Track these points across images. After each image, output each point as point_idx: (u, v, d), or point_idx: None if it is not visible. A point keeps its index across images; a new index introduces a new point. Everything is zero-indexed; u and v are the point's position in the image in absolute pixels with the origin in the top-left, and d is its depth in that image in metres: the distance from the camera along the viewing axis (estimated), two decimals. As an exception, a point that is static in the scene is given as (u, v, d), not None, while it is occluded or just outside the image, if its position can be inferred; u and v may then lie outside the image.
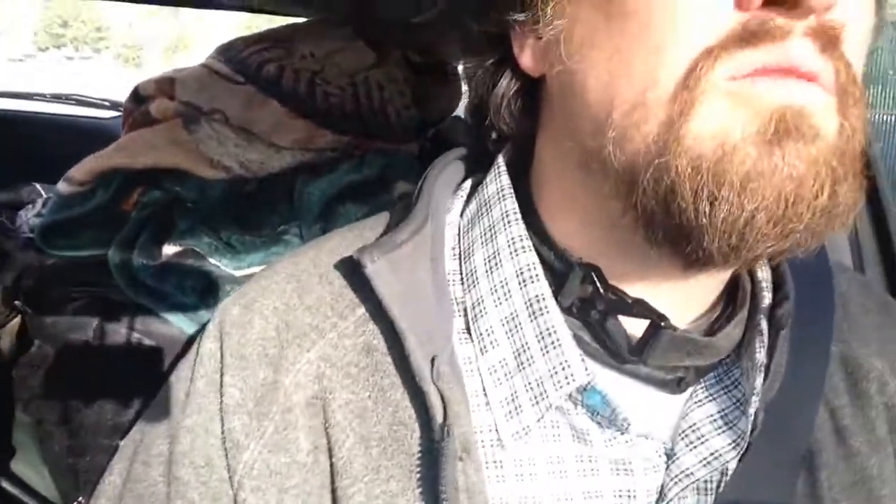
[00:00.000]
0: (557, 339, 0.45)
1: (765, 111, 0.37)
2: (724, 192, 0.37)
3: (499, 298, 0.47)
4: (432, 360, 0.44)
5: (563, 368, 0.44)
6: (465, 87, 0.57)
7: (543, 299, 0.46)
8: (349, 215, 0.98)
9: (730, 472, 0.48)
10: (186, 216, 1.03)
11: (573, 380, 0.44)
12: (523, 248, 0.47)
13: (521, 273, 0.46)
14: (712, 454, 0.47)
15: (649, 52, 0.39)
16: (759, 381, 0.47)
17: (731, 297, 0.50)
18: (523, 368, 0.46)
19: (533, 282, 0.46)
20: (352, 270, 0.49)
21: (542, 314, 0.45)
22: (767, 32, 0.37)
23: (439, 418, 0.43)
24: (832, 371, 0.52)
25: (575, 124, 0.44)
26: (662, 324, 0.44)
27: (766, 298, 0.50)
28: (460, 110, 1.10)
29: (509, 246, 0.47)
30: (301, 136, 1.02)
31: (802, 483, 0.49)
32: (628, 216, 0.42)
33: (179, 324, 0.98)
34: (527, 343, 0.46)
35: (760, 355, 0.47)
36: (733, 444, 0.47)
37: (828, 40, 0.38)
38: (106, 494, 0.54)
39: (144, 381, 0.97)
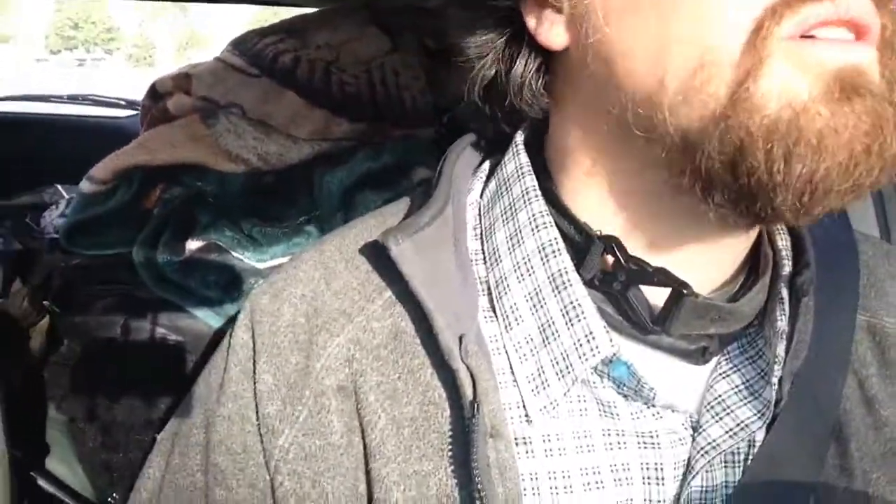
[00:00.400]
0: (582, 312, 0.45)
1: (827, 72, 0.37)
2: (799, 150, 0.37)
3: (522, 275, 0.47)
4: (460, 339, 0.45)
5: (588, 340, 0.45)
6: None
7: (566, 273, 0.46)
8: (369, 203, 0.98)
9: (757, 444, 0.47)
10: (208, 211, 1.04)
11: (598, 351, 0.44)
12: (544, 223, 0.47)
13: (543, 248, 0.47)
14: (738, 425, 0.47)
15: (706, 14, 0.39)
16: (780, 348, 0.47)
17: (752, 266, 0.50)
18: (548, 343, 0.46)
19: (555, 256, 0.46)
20: (377, 254, 0.49)
21: (565, 288, 0.46)
22: None
23: (469, 395, 0.44)
24: (859, 340, 0.52)
25: (612, 95, 0.43)
26: (685, 291, 0.44)
27: (787, 266, 0.50)
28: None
29: (530, 222, 0.48)
30: (318, 126, 1.02)
31: (832, 454, 0.49)
32: (677, 182, 0.42)
33: (205, 318, 0.99)
34: (551, 317, 0.46)
35: (782, 323, 0.47)
36: (759, 414, 0.47)
37: None
38: (146, 487, 0.55)
39: (172, 375, 0.98)
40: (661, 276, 0.45)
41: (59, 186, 1.33)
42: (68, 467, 1.00)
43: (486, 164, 0.54)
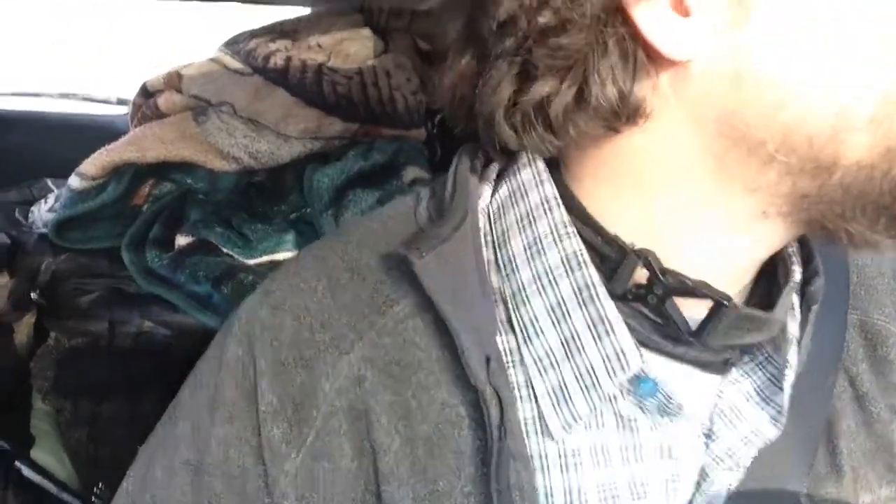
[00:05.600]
0: (611, 327, 0.43)
1: None
2: None
3: (543, 286, 0.45)
4: (487, 359, 0.43)
5: (619, 356, 0.43)
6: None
7: (594, 285, 0.44)
8: (359, 201, 0.98)
9: None
10: (198, 207, 1.04)
11: (628, 368, 0.43)
12: (567, 233, 0.45)
13: (568, 259, 0.45)
14: (753, 431, 0.46)
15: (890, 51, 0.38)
16: (792, 354, 0.46)
17: (760, 273, 0.49)
18: (572, 357, 0.44)
19: (581, 268, 0.44)
20: (389, 265, 0.48)
21: (592, 301, 0.44)
22: None
23: (496, 418, 0.42)
24: (851, 338, 0.52)
25: (757, 119, 0.41)
26: (726, 303, 0.43)
27: (797, 273, 0.49)
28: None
29: (552, 232, 0.45)
30: (310, 125, 1.02)
31: (822, 453, 0.49)
32: (791, 205, 0.42)
33: (193, 313, 0.99)
34: (576, 331, 0.44)
35: (793, 329, 0.47)
36: (773, 420, 0.46)
37: None
38: (122, 500, 0.52)
39: (159, 370, 0.98)
40: (702, 289, 0.44)
41: (49, 181, 1.32)
42: (55, 458, 0.99)
43: (493, 168, 0.51)
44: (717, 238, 0.45)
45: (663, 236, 0.45)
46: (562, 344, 0.45)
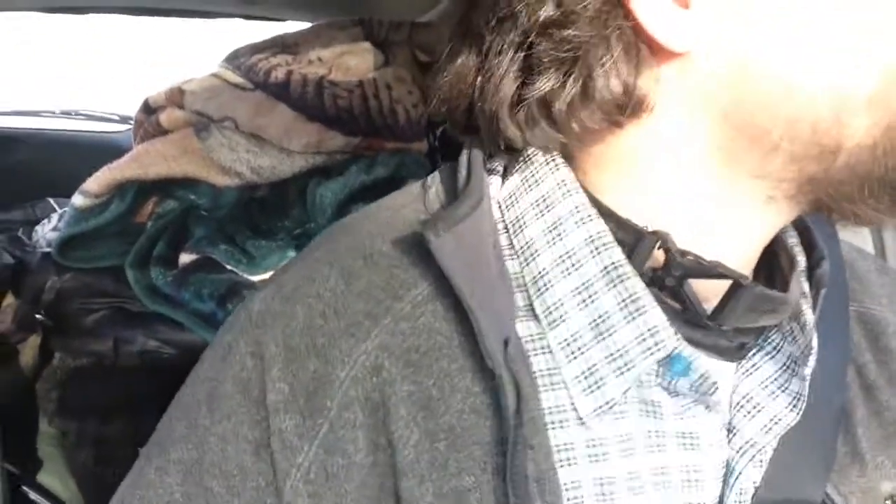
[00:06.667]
0: (642, 306, 0.43)
1: None
2: None
3: (567, 269, 0.45)
4: (505, 342, 0.42)
5: (652, 335, 0.42)
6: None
7: (622, 265, 0.43)
8: (363, 216, 0.98)
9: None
10: (201, 224, 1.04)
11: (664, 345, 0.42)
12: (589, 216, 0.45)
13: (593, 241, 0.44)
14: (772, 419, 0.46)
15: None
16: (814, 339, 0.46)
17: (759, 264, 0.49)
18: (603, 339, 0.44)
19: (607, 249, 0.44)
20: (404, 249, 0.46)
21: (622, 281, 0.43)
22: None
23: (512, 404, 0.41)
24: (853, 329, 0.53)
25: (759, 106, 0.42)
26: (743, 282, 0.43)
27: (802, 261, 0.49)
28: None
29: (573, 215, 0.45)
30: (312, 139, 1.02)
31: (842, 442, 0.49)
32: (796, 186, 0.43)
33: (198, 331, 0.99)
34: (606, 312, 0.44)
35: (809, 314, 0.47)
36: (791, 407, 0.46)
37: None
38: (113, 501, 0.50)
39: (165, 389, 0.97)
40: (719, 269, 0.44)
41: (52, 200, 1.33)
42: (60, 481, 0.99)
43: (498, 161, 0.50)
44: (725, 223, 0.45)
45: (669, 223, 0.45)
46: (590, 327, 0.44)
